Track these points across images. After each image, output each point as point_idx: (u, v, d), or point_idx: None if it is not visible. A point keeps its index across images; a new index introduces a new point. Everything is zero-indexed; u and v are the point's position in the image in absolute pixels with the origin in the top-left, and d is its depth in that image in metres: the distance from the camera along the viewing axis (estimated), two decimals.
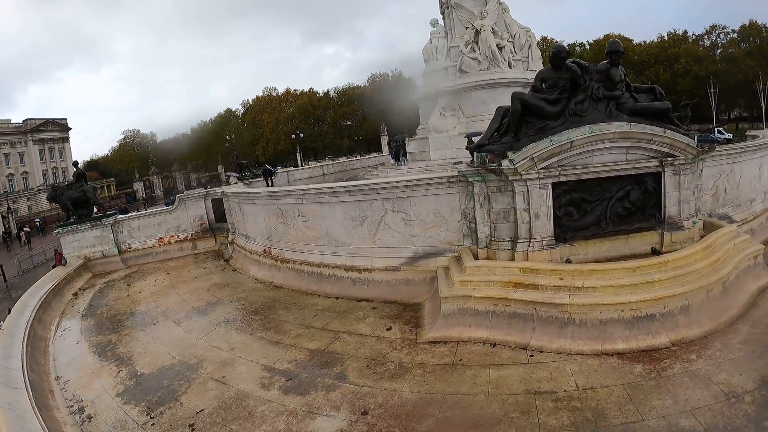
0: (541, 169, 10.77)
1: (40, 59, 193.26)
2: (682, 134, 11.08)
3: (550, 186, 10.98)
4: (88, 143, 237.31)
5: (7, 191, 75.10)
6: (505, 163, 10.89)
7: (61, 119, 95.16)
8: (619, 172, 11.00)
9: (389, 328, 11.29)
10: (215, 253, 21.43)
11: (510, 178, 11.06)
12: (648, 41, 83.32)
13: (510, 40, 21.91)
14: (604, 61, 11.42)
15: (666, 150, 10.93)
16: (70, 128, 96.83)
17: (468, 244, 12.35)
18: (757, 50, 71.01)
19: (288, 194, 16.19)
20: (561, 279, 10.10)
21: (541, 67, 24.57)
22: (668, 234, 11.26)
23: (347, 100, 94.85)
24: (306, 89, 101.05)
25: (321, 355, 10.29)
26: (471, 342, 10.02)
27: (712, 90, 60.58)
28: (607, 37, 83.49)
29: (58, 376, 10.81)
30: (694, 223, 11.63)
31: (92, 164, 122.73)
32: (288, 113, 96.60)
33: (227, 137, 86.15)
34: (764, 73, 60.00)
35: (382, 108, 72.01)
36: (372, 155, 39.16)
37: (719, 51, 76.71)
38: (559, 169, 10.84)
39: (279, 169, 29.91)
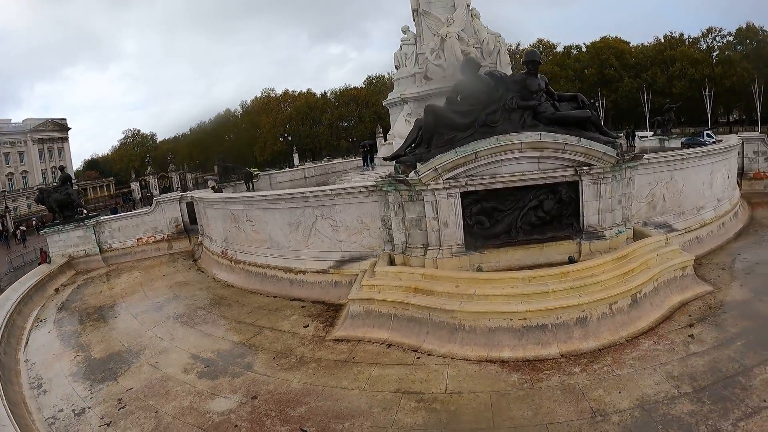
0: (447, 179, 10.38)
1: (47, 57, 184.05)
2: (602, 142, 10.49)
3: (458, 195, 10.56)
4: (93, 141, 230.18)
5: (5, 190, 75.01)
6: (411, 174, 10.60)
7: (60, 119, 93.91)
8: (531, 182, 10.48)
9: (306, 326, 11.47)
10: (188, 254, 21.42)
11: (417, 188, 10.72)
12: (646, 44, 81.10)
13: (477, 46, 21.38)
14: (522, 71, 11.10)
15: (581, 159, 10.33)
16: (70, 128, 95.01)
17: (388, 249, 12.07)
18: (753, 53, 68.24)
19: (238, 200, 16.40)
20: (457, 286, 9.79)
21: (510, 72, 24.11)
22: (587, 243, 10.65)
23: (344, 101, 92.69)
24: (304, 90, 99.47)
25: (240, 347, 10.75)
26: (371, 342, 10.08)
27: (707, 93, 58.43)
28: (603, 39, 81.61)
29: (27, 359, 11.56)
30: (619, 232, 11.02)
31: (92, 163, 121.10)
32: (285, 114, 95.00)
33: (226, 138, 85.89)
34: (760, 76, 57.51)
35: (377, 109, 71.44)
36: (353, 159, 38.57)
37: (716, 54, 73.93)
38: (466, 179, 10.41)
39: (261, 173, 29.81)
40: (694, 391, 7.06)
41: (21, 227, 49.82)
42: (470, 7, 22.13)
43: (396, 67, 23.90)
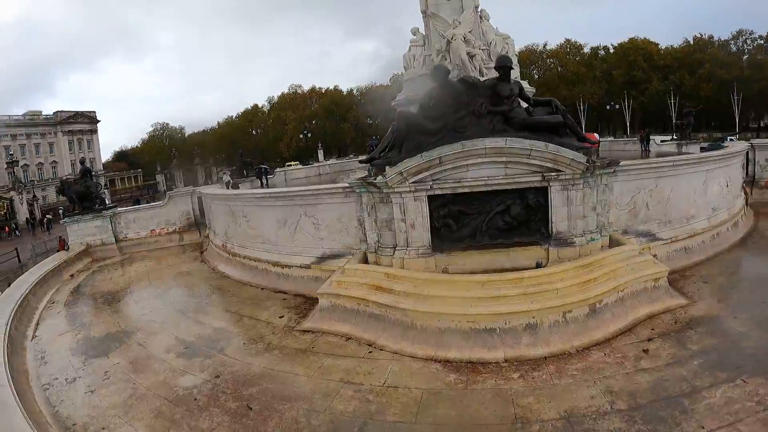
0: (413, 183, 10.65)
1: (82, 48, 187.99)
2: (574, 148, 10.51)
3: (425, 198, 10.80)
4: (125, 132, 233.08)
5: (33, 180, 77.21)
6: (379, 177, 10.94)
7: (90, 112, 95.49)
8: (497, 187, 10.60)
9: (281, 317, 12.06)
10: (197, 245, 22.18)
11: (385, 191, 11.02)
12: (675, 46, 78.32)
13: (485, 47, 21.40)
14: (493, 77, 11.25)
15: (549, 165, 10.37)
16: (99, 120, 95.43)
17: (363, 248, 12.35)
18: None
19: (236, 197, 17.17)
20: (414, 286, 10.06)
21: (517, 75, 23.85)
22: (555, 250, 10.70)
23: (370, 99, 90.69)
24: (331, 87, 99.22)
25: (219, 333, 11.48)
26: (333, 334, 10.51)
27: (736, 97, 55.94)
28: (632, 40, 79.18)
29: (35, 335, 12.63)
30: (592, 239, 11.00)
31: (122, 155, 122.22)
32: (311, 111, 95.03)
33: (253, 132, 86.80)
34: None
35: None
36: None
37: (746, 57, 70.79)
38: (432, 182, 10.64)
39: (278, 170, 30.54)
40: (628, 409, 6.94)
41: (47, 216, 52.38)
42: (479, 9, 22.20)
43: (405, 69, 24.13)
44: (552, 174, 10.42)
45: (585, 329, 9.18)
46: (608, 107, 70.72)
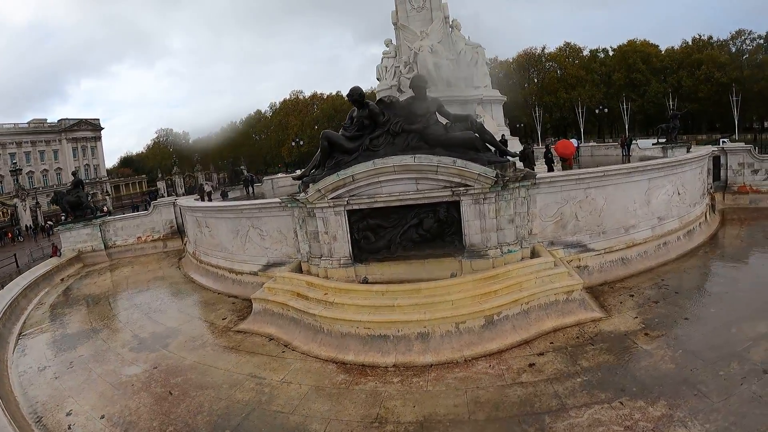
0: (331, 199, 11.46)
1: (94, 53, 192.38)
2: (484, 163, 10.90)
3: (345, 213, 11.57)
4: (134, 138, 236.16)
5: (38, 186, 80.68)
6: (302, 194, 11.84)
7: (94, 119, 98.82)
8: (410, 202, 11.21)
9: (225, 318, 13.32)
10: (179, 252, 23.47)
11: (308, 206, 11.91)
12: (675, 47, 77.93)
13: (452, 57, 22.11)
14: (410, 95, 11.85)
15: (457, 180, 10.87)
16: (102, 128, 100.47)
17: (299, 258, 13.21)
18: None
19: (199, 209, 18.44)
20: (325, 294, 10.91)
21: (487, 83, 24.60)
22: (468, 261, 11.10)
23: None
24: (334, 92, 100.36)
25: (170, 331, 12.84)
26: (260, 335, 11.60)
27: (734, 98, 54.85)
28: (631, 42, 79.13)
29: (20, 333, 14.31)
30: (509, 251, 11.35)
31: (127, 161, 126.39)
32: (312, 116, 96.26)
33: (255, 138, 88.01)
34: None
35: None
36: None
37: (745, 57, 69.62)
38: (348, 198, 11.40)
39: (266, 177, 31.80)
40: (485, 420, 7.23)
41: (49, 222, 54.40)
42: (450, 19, 22.98)
43: (378, 80, 25.09)
44: (461, 189, 10.96)
45: (480, 340, 9.53)
46: (605, 110, 70.20)
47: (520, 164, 20.25)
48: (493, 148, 11.98)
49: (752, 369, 7.65)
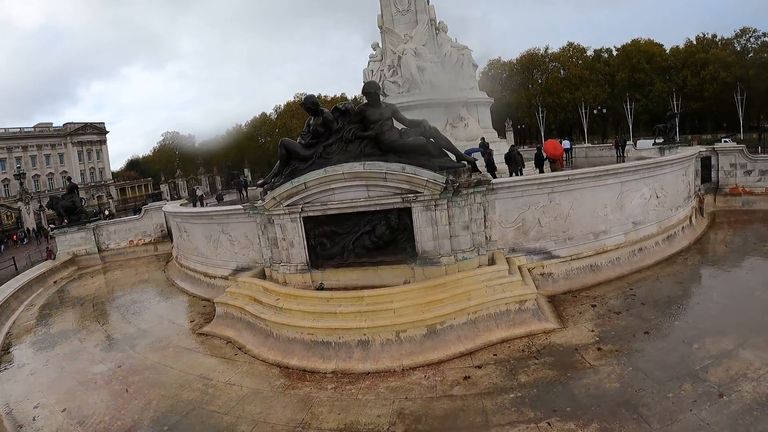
0: (287, 206, 11.77)
1: (104, 56, 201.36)
2: (435, 170, 10.97)
3: (300, 219, 11.88)
4: (143, 140, 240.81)
5: (44, 190, 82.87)
6: (259, 201, 12.26)
7: (99, 123, 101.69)
8: (362, 208, 11.39)
9: (192, 321, 13.92)
10: (168, 256, 23.99)
11: (265, 213, 12.26)
12: (680, 46, 77.04)
13: (437, 60, 22.39)
14: (364, 103, 11.97)
15: (406, 187, 10.96)
16: (108, 131, 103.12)
17: (264, 263, 13.51)
18: None
19: (179, 215, 18.98)
20: (277, 299, 11.25)
21: (473, 85, 24.74)
22: (420, 269, 11.14)
23: None
24: (338, 95, 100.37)
25: (140, 332, 13.50)
26: (220, 338, 12.07)
27: (739, 97, 53.71)
28: (634, 42, 78.49)
29: (7, 332, 15.28)
30: (465, 258, 11.32)
31: (133, 163, 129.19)
32: None
33: (260, 141, 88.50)
34: None
35: None
36: None
37: (750, 56, 68.37)
38: (302, 205, 11.70)
39: (260, 181, 32.26)
40: None
41: (51, 225, 56.29)
42: (436, 22, 23.22)
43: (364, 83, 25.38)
44: (410, 195, 10.99)
45: (421, 350, 9.54)
46: (604, 110, 69.58)
47: (506, 169, 20.61)
48: (451, 154, 12.04)
49: (706, 391, 7.15)
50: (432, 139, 11.83)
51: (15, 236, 56.11)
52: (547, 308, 11.12)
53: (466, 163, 12.12)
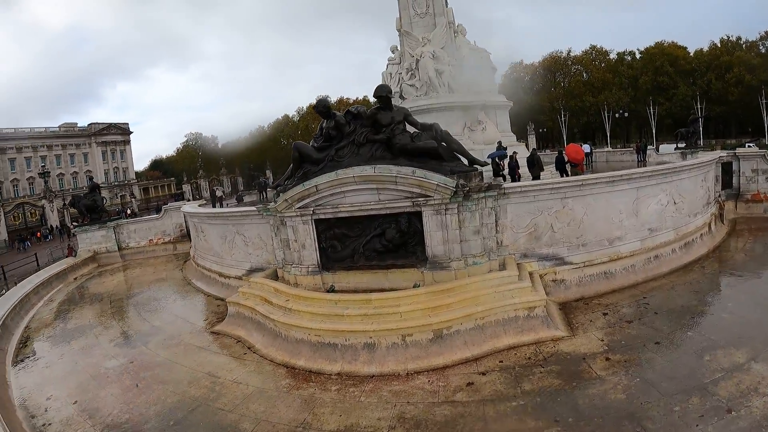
0: (298, 208, 11.93)
1: (130, 57, 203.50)
2: (446, 173, 10.94)
3: (312, 222, 12.01)
4: (166, 140, 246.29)
5: (68, 188, 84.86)
6: (271, 203, 12.45)
7: (123, 123, 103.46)
8: (373, 212, 11.46)
9: (206, 319, 14.22)
10: (187, 255, 24.39)
11: (278, 215, 12.44)
12: (704, 49, 75.48)
13: (456, 63, 22.34)
14: (375, 106, 12.02)
15: (416, 190, 10.96)
16: (131, 132, 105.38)
17: (276, 264, 13.72)
18: None
19: (196, 215, 19.41)
20: (287, 300, 11.40)
21: (491, 88, 24.67)
22: (429, 273, 11.12)
23: None
24: (361, 97, 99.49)
25: (153, 329, 13.89)
26: (231, 336, 12.27)
27: (765, 101, 52.23)
28: (658, 45, 77.25)
29: (26, 326, 15.98)
30: (475, 263, 11.28)
31: (157, 163, 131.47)
32: None
33: (282, 143, 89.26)
34: None
35: None
36: None
37: None
38: (314, 208, 11.84)
39: None
40: None
41: (74, 223, 57.82)
42: (455, 25, 23.22)
43: None
44: (421, 199, 10.93)
45: (426, 354, 9.51)
46: (626, 114, 68.44)
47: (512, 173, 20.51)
48: (463, 158, 12.06)
49: (715, 406, 6.89)
50: (444, 143, 11.84)
51: (39, 233, 57.94)
52: (557, 315, 10.93)
53: (477, 167, 12.11)
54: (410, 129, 12.20)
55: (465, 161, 12.07)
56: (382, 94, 11.96)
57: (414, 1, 23.66)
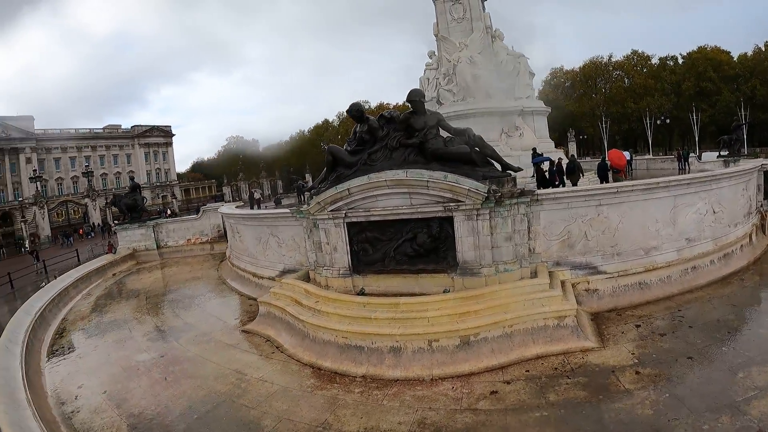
0: (331, 211, 12.15)
1: (174, 61, 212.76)
2: (478, 179, 10.92)
3: (344, 225, 12.18)
4: (208, 143, 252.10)
5: (112, 188, 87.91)
6: (304, 206, 12.74)
7: (165, 126, 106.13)
8: (405, 216, 11.53)
9: (237, 318, 14.68)
10: (223, 255, 24.94)
11: (311, 217, 12.69)
12: (748, 53, 72.81)
13: (493, 68, 22.26)
14: (409, 111, 12.13)
15: (448, 195, 10.96)
16: (174, 134, 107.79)
17: (308, 266, 13.98)
18: None
19: (232, 216, 19.97)
20: (316, 302, 11.63)
21: (529, 94, 24.47)
22: (460, 279, 11.10)
23: None
24: (400, 103, 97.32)
25: (186, 326, 14.39)
26: (260, 335, 12.55)
27: None
28: (701, 49, 74.81)
29: (63, 317, 16.97)
30: (506, 270, 11.20)
31: (197, 166, 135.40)
32: None
33: (323, 146, 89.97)
34: None
35: None
36: None
37: None
38: (347, 211, 12.01)
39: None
40: None
41: (115, 221, 59.87)
42: (492, 30, 23.18)
43: None
44: (452, 204, 10.91)
45: (452, 360, 9.51)
46: (667, 120, 66.28)
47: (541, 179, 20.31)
48: (496, 163, 12.02)
49: (745, 426, 6.63)
50: (476, 148, 11.83)
51: (81, 230, 60.61)
52: (588, 326, 10.72)
53: (511, 172, 12.01)
54: (443, 134, 12.27)
55: (498, 167, 12.02)
56: (416, 98, 12.04)
57: (451, 6, 23.77)
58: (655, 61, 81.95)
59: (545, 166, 20.60)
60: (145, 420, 8.89)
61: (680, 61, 78.78)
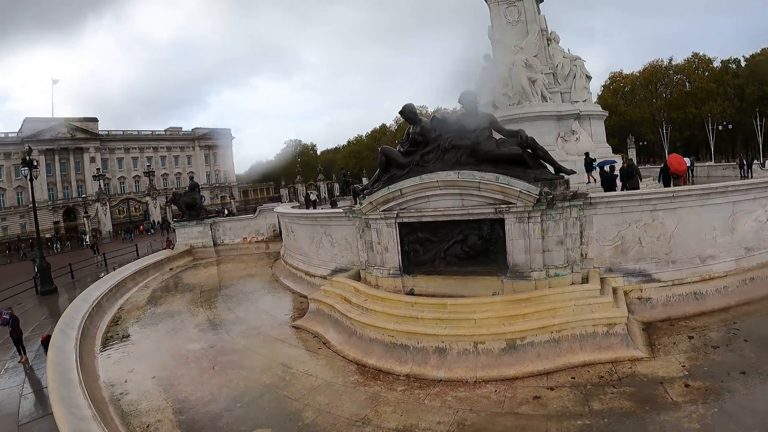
0: (383, 211, 12.41)
1: (235, 66, 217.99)
2: (530, 181, 10.83)
3: (395, 225, 12.43)
4: (267, 146, 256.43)
5: (172, 187, 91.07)
6: (357, 206, 13.10)
7: (225, 129, 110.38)
8: (456, 217, 11.61)
9: (287, 314, 15.15)
10: (277, 254, 25.38)
11: (362, 217, 13.02)
12: None
13: (549, 72, 22.06)
14: (462, 113, 12.38)
15: (499, 197, 10.94)
16: (233, 137, 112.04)
17: (359, 266, 14.29)
18: None
19: (287, 215, 20.68)
20: (365, 300, 11.91)
21: (586, 97, 23.98)
22: (509, 282, 10.96)
23: None
24: (458, 107, 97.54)
25: (237, 320, 14.96)
26: (308, 331, 12.89)
27: None
28: (765, 51, 70.40)
29: (120, 307, 18.02)
30: (556, 275, 11.07)
31: (255, 169, 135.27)
32: None
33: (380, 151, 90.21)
34: None
35: None
36: None
37: None
38: (398, 211, 12.26)
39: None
40: None
41: (175, 218, 62.36)
42: (548, 32, 22.94)
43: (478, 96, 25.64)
44: (503, 206, 10.89)
45: (497, 363, 9.46)
46: (729, 126, 62.60)
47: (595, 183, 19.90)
48: (549, 165, 11.95)
49: None
50: (529, 150, 11.79)
51: (141, 227, 64.11)
52: (638, 335, 10.40)
53: (563, 175, 11.90)
54: (497, 135, 12.34)
55: (551, 169, 11.94)
56: (469, 99, 12.27)
57: (506, 9, 23.72)
58: (716, 64, 78.39)
59: (608, 168, 20.20)
60: (190, 405, 9.33)
61: (743, 64, 75.11)
